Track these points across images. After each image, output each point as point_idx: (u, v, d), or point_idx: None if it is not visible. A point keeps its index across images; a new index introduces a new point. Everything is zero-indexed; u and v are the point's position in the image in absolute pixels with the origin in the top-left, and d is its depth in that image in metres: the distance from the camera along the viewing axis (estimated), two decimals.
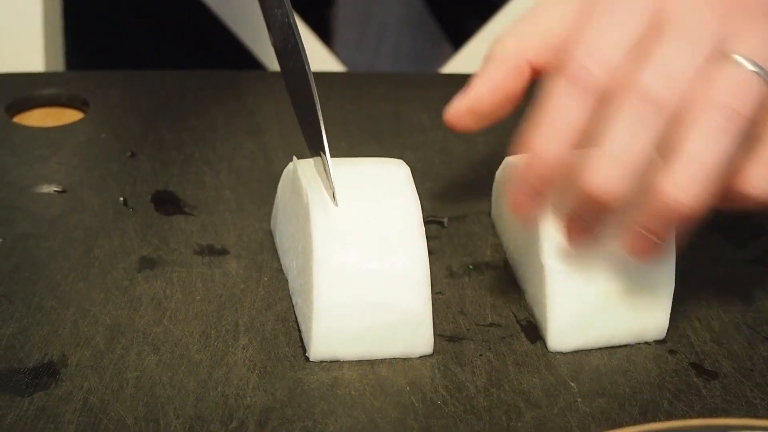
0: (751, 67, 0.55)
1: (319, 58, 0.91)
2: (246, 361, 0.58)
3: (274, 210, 0.67)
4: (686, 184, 0.54)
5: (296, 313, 0.61)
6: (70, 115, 0.81)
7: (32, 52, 0.88)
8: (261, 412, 0.55)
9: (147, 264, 0.65)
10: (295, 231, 0.61)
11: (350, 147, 0.76)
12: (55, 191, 0.71)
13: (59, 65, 0.90)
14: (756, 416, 0.55)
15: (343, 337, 0.58)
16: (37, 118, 0.81)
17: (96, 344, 0.59)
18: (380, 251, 0.58)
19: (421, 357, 0.59)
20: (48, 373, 0.57)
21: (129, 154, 0.76)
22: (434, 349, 0.59)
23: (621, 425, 0.55)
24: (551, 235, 0.59)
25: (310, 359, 0.58)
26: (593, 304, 0.59)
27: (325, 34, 1.00)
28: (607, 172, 0.54)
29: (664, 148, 0.54)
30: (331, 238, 0.58)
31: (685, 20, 0.56)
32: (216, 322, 0.61)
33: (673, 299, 0.60)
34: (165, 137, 0.78)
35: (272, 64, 0.95)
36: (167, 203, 0.71)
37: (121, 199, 0.71)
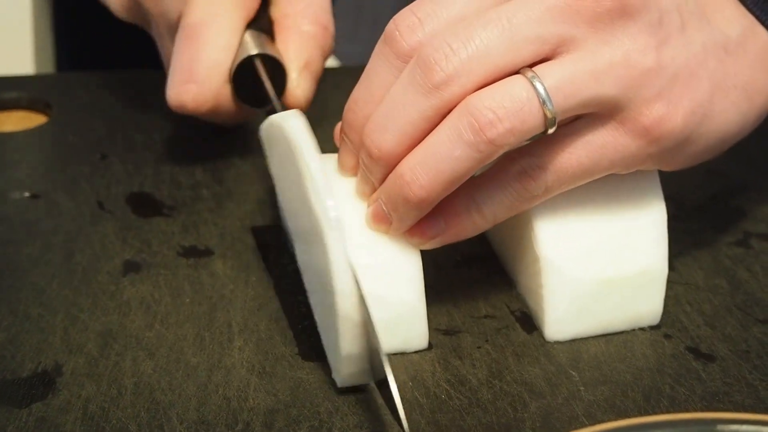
0: (542, 94, 0.53)
1: None
2: (244, 363, 0.57)
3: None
4: (416, 171, 0.54)
5: None
6: (33, 119, 0.80)
7: (22, 53, 0.86)
8: (265, 413, 0.54)
9: (131, 268, 0.64)
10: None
11: (326, 142, 0.75)
12: (28, 196, 0.70)
13: (49, 66, 0.88)
14: (758, 398, 0.56)
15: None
16: None
17: (89, 351, 0.58)
18: (372, 247, 0.58)
19: (419, 351, 0.59)
20: (43, 382, 0.56)
21: (99, 156, 0.74)
22: (431, 343, 0.59)
23: (626, 412, 0.55)
24: (545, 225, 0.59)
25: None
26: (589, 293, 0.59)
27: None
28: (375, 126, 0.55)
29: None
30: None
31: (519, 9, 0.54)
32: (209, 324, 0.60)
33: None
34: (134, 137, 0.77)
35: None
36: (144, 205, 0.70)
37: (96, 202, 0.70)
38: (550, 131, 0.54)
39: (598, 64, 0.54)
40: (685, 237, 0.67)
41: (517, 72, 0.54)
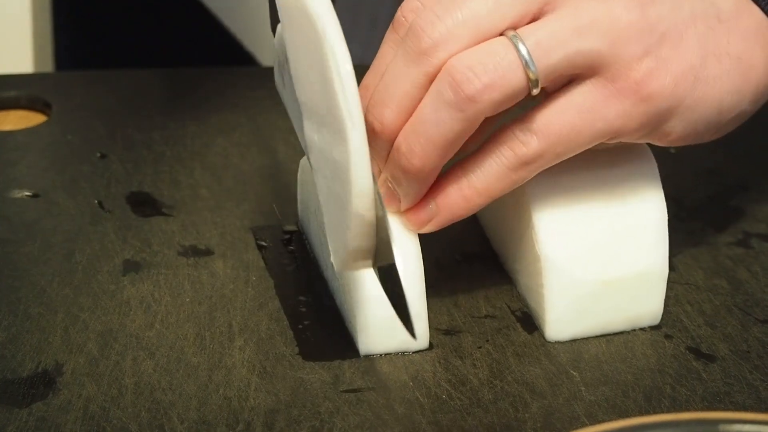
0: (522, 51, 0.53)
1: None
2: (245, 363, 0.57)
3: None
4: (409, 140, 0.54)
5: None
6: (32, 118, 0.79)
7: (21, 52, 0.86)
8: (266, 413, 0.54)
9: (131, 267, 0.64)
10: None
11: None
12: (27, 196, 0.70)
13: (49, 65, 0.88)
14: (758, 398, 0.56)
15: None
16: None
17: (89, 351, 0.58)
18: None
19: (420, 351, 0.59)
20: (44, 382, 0.56)
21: (98, 155, 0.74)
22: (432, 343, 0.59)
23: (627, 412, 0.55)
24: (546, 225, 0.59)
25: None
26: (590, 293, 0.59)
27: None
28: (375, 101, 0.55)
29: None
30: None
31: None
32: (209, 323, 0.60)
33: None
34: (133, 136, 0.76)
35: (266, 60, 0.94)
36: (144, 204, 0.69)
37: (96, 201, 0.70)
38: (535, 91, 0.54)
39: (581, 19, 0.54)
40: (685, 237, 0.67)
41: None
